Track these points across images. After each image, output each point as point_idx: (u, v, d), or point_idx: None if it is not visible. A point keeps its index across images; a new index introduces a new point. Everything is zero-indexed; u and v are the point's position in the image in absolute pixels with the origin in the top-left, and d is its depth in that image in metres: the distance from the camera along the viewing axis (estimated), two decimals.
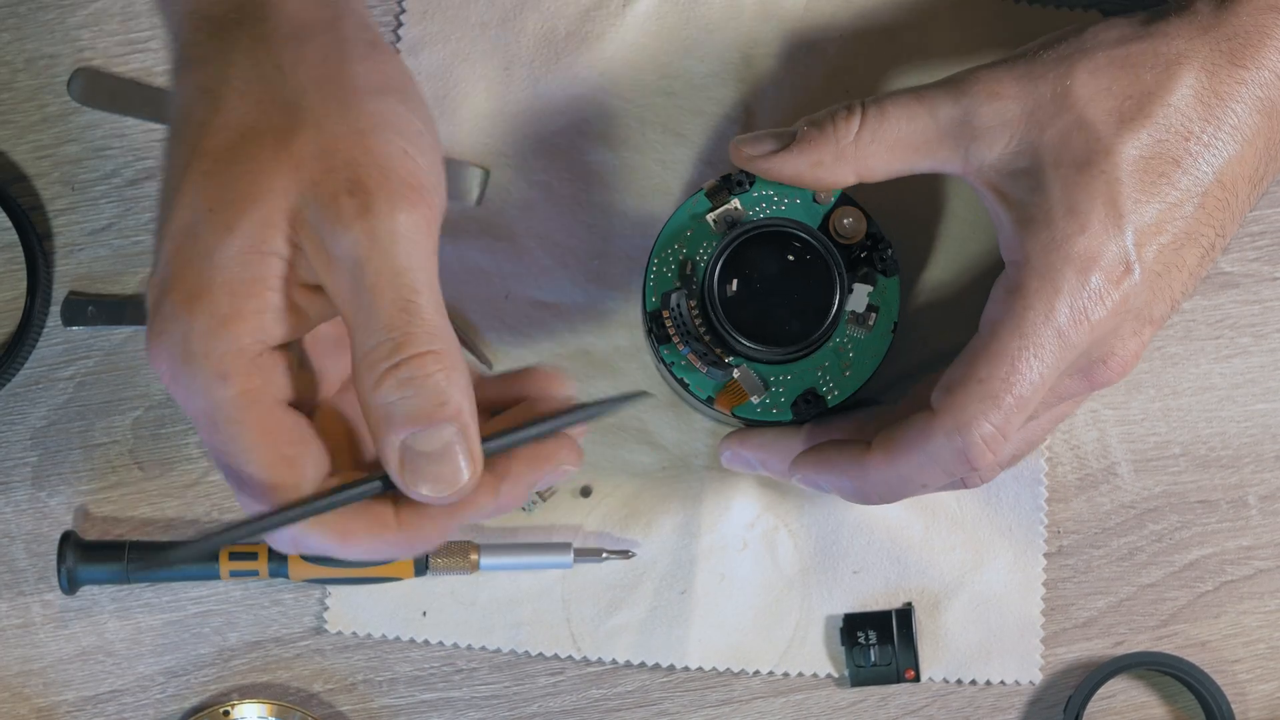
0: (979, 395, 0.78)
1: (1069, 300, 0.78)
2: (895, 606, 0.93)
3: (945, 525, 0.93)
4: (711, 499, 0.93)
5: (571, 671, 0.93)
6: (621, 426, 0.93)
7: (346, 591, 0.93)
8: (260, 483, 0.71)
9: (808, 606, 0.93)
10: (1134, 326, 0.80)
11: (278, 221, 0.71)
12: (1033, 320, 0.78)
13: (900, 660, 0.92)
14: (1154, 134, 0.79)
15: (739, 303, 0.84)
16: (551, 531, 0.93)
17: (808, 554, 0.93)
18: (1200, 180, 0.79)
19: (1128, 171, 0.78)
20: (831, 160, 0.83)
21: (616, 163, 0.94)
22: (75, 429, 0.94)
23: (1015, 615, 0.93)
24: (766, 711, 0.93)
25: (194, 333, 0.70)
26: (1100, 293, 0.78)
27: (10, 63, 0.95)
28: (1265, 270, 0.94)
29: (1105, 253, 0.78)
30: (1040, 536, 0.93)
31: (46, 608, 0.93)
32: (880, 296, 0.85)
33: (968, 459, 0.79)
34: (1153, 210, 0.78)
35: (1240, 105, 0.79)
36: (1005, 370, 0.78)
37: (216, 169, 0.71)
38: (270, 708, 0.92)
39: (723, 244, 0.84)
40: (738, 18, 0.94)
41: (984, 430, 0.78)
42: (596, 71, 0.94)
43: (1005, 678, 0.93)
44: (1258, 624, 0.93)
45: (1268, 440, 0.94)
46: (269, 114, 0.72)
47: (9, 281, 0.94)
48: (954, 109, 0.81)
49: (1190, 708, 0.93)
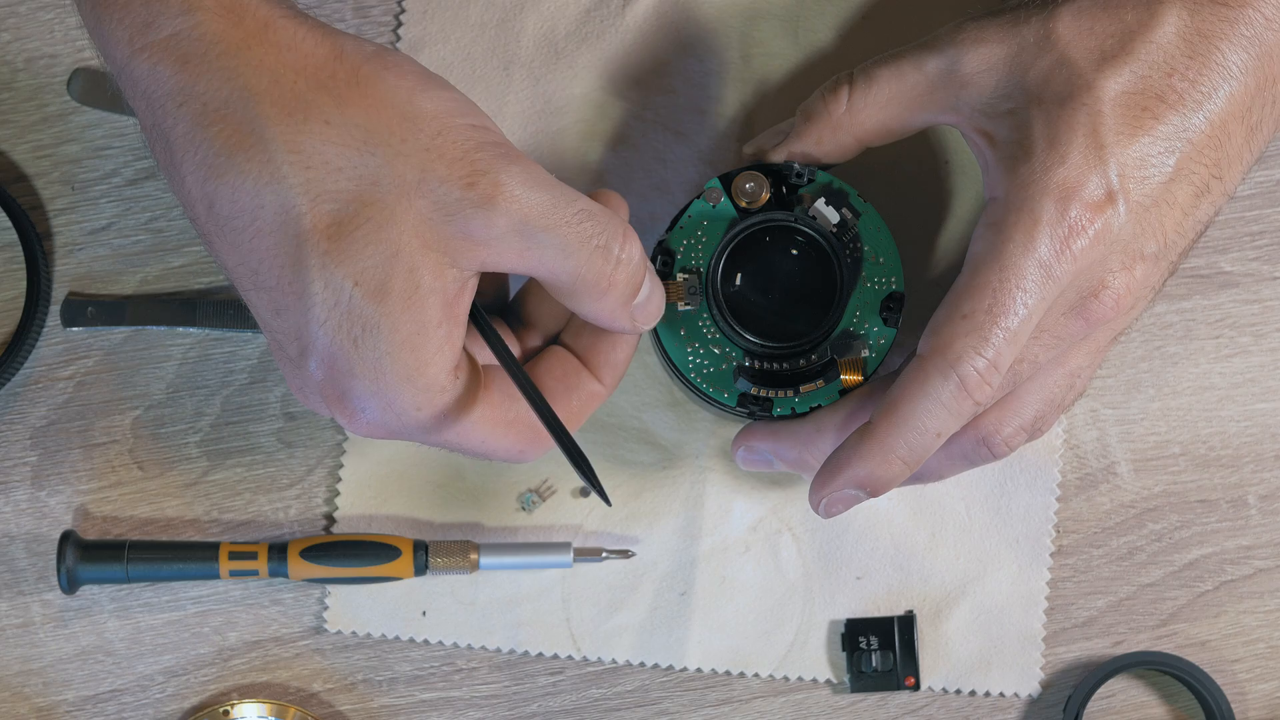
0: (964, 330, 0.78)
1: (1049, 230, 0.77)
2: (897, 613, 0.93)
3: (952, 533, 0.93)
4: (714, 500, 0.93)
5: (571, 671, 0.93)
6: (621, 426, 0.93)
7: (346, 591, 0.93)
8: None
9: (810, 611, 0.93)
10: (1122, 259, 0.79)
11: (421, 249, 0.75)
12: (1012, 252, 0.77)
13: (901, 667, 0.92)
14: (1136, 70, 0.79)
15: (742, 297, 0.85)
16: (551, 531, 0.93)
17: (811, 558, 0.93)
18: (1186, 116, 0.79)
19: (1110, 105, 0.78)
20: (830, 134, 0.84)
21: (616, 163, 0.94)
22: (75, 429, 0.94)
23: (1017, 627, 0.92)
24: (766, 711, 0.93)
25: (393, 397, 0.76)
26: (1081, 222, 0.78)
27: (10, 63, 0.95)
28: (1265, 270, 0.94)
29: (1086, 183, 0.78)
30: (1047, 550, 0.93)
31: (46, 607, 0.93)
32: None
33: (967, 392, 0.78)
34: (1137, 144, 0.78)
35: (1226, 44, 0.79)
36: (988, 303, 0.77)
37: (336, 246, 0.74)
38: (270, 707, 0.92)
39: (725, 239, 0.84)
40: (738, 17, 0.94)
41: (976, 363, 0.78)
42: (596, 71, 0.94)
43: (1005, 689, 0.92)
44: (1258, 624, 0.93)
45: (1268, 440, 0.94)
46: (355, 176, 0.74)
47: (8, 281, 0.94)
48: (940, 60, 0.82)
49: (1190, 707, 0.93)
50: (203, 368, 0.94)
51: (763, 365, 0.85)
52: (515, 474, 0.93)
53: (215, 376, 0.94)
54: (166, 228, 0.94)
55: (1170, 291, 0.94)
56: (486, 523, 0.93)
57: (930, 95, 0.82)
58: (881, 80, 0.83)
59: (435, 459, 0.93)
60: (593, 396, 0.83)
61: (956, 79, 0.81)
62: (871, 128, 0.84)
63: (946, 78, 0.82)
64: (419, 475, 0.93)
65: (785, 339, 0.84)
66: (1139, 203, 0.79)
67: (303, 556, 0.91)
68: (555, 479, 0.93)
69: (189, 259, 0.94)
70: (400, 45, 0.94)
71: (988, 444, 0.83)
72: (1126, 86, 0.79)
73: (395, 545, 0.91)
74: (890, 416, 0.79)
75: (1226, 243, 0.94)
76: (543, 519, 0.93)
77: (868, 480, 0.81)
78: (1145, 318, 0.94)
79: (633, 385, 0.93)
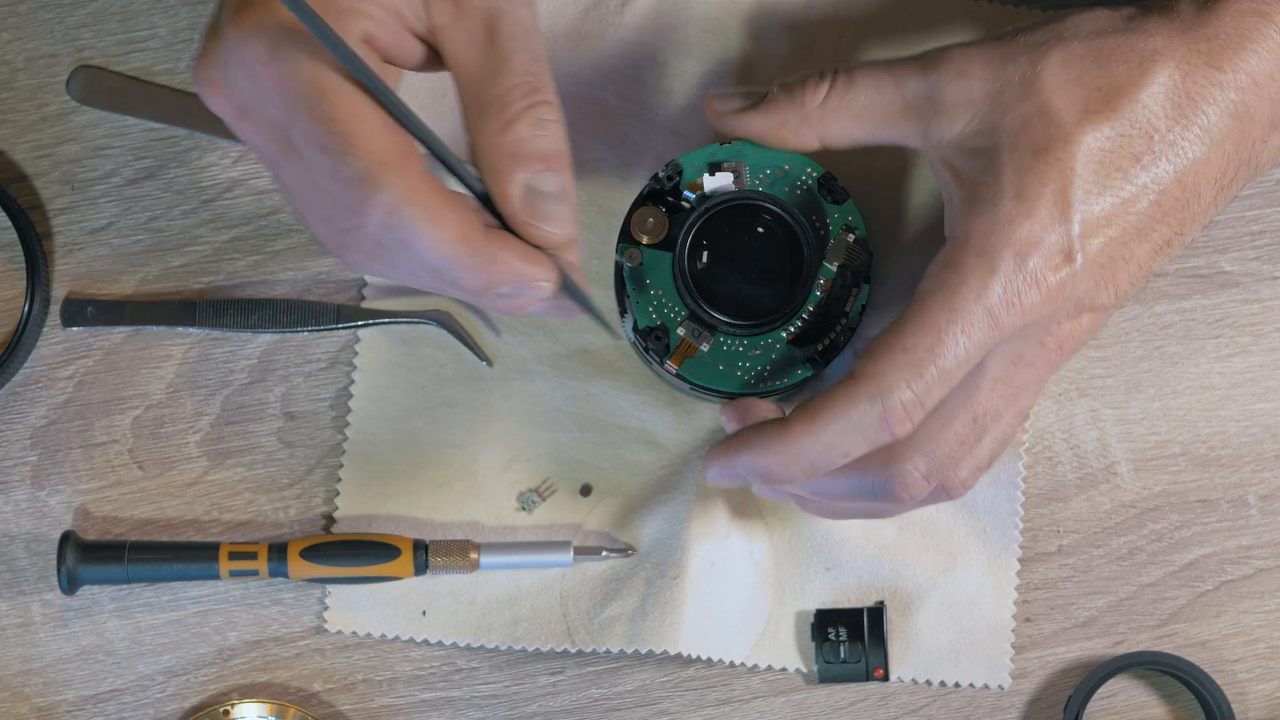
0: (902, 363, 0.78)
1: (1003, 282, 0.78)
2: (868, 604, 0.93)
3: (920, 526, 0.93)
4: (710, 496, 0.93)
5: (571, 671, 0.93)
6: (621, 426, 0.93)
7: (346, 591, 0.93)
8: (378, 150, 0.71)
9: (780, 600, 0.93)
10: (1071, 312, 0.80)
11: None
12: (964, 296, 0.78)
13: (870, 658, 0.92)
14: (1117, 128, 0.79)
15: (709, 275, 0.85)
16: (551, 530, 0.93)
17: (782, 548, 0.93)
18: (1159, 179, 0.79)
19: (1083, 163, 0.78)
20: (795, 123, 0.84)
21: (616, 162, 0.94)
22: (75, 429, 0.94)
23: (987, 619, 0.93)
24: (767, 711, 0.93)
25: None
26: (1036, 278, 0.78)
27: (10, 62, 0.95)
28: (1265, 270, 0.94)
29: (1047, 240, 0.78)
30: (1015, 541, 0.93)
31: (46, 607, 0.93)
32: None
33: (887, 424, 0.78)
34: (1104, 203, 0.78)
35: (1212, 108, 0.79)
36: (931, 341, 0.78)
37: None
38: (270, 707, 0.92)
39: (693, 217, 0.84)
40: (737, 17, 0.94)
41: (904, 396, 0.78)
42: (596, 71, 0.94)
43: (975, 680, 0.92)
44: (1258, 623, 0.93)
45: (1268, 440, 0.94)
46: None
47: (8, 281, 0.94)
48: (921, 83, 0.81)
49: (1190, 707, 0.93)
50: (202, 368, 0.94)
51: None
52: (515, 474, 0.93)
53: (215, 376, 0.94)
54: (166, 228, 0.94)
55: (1170, 291, 0.94)
56: (486, 522, 0.93)
57: (902, 115, 0.82)
58: (860, 88, 0.83)
59: (435, 459, 0.93)
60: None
61: (933, 106, 0.81)
62: (837, 132, 0.83)
63: (923, 103, 0.81)
64: (419, 475, 0.93)
65: (755, 316, 0.85)
66: (1097, 261, 0.79)
67: (303, 556, 0.91)
68: (555, 479, 0.93)
69: (189, 259, 0.94)
70: None
71: (946, 488, 0.83)
72: (1104, 144, 0.78)
73: (395, 545, 0.91)
74: (809, 423, 0.80)
75: (1226, 243, 0.94)
76: (543, 518, 0.93)
77: (764, 472, 0.81)
78: (1145, 317, 0.94)
79: (633, 386, 0.93)
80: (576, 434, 0.93)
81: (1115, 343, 0.94)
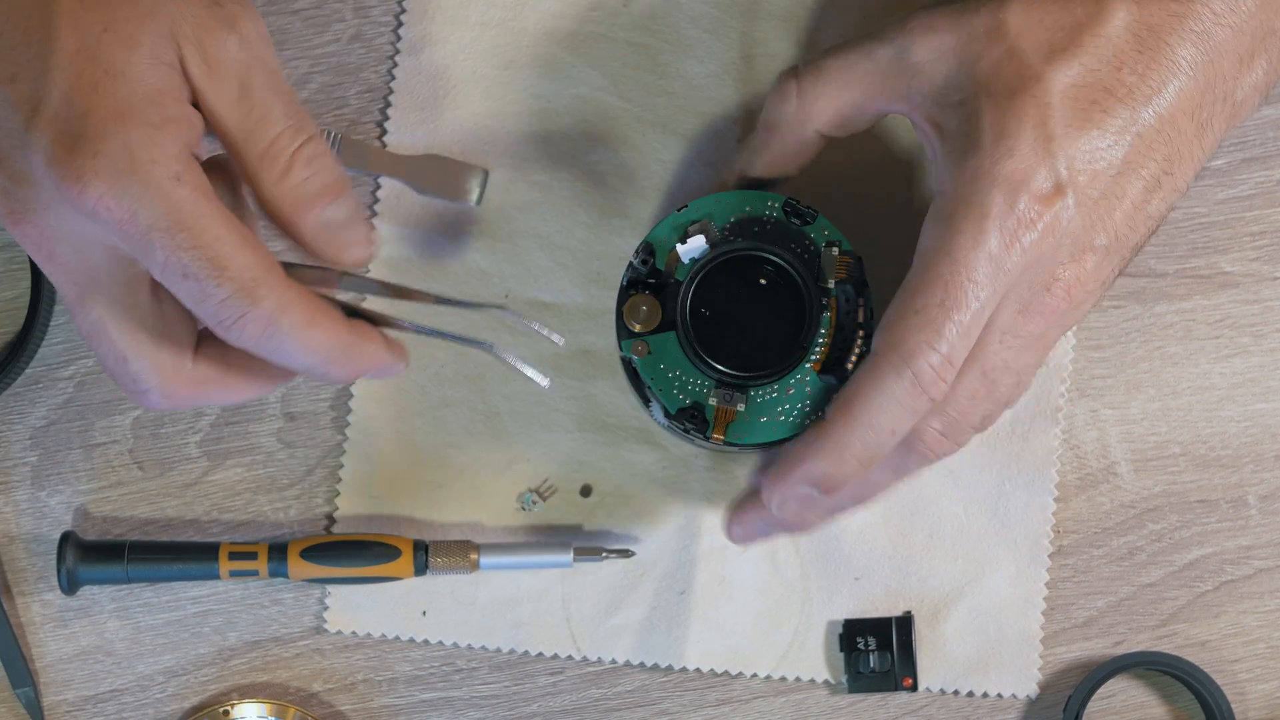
0: (917, 325, 0.77)
1: (998, 223, 0.77)
2: (895, 614, 0.93)
3: (950, 534, 0.93)
4: (714, 500, 0.93)
5: (571, 671, 0.93)
6: (621, 426, 0.93)
7: (346, 591, 0.93)
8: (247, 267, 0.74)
9: (808, 611, 0.93)
10: (1072, 252, 0.80)
11: (168, 34, 0.75)
12: (962, 245, 0.77)
13: (899, 668, 0.92)
14: (1085, 63, 0.79)
15: (719, 338, 0.84)
16: (551, 531, 0.93)
17: (809, 559, 0.93)
18: (1135, 110, 0.79)
19: (1058, 98, 0.78)
20: (789, 129, 0.84)
21: (616, 163, 0.94)
22: (75, 429, 0.94)
23: (1015, 629, 0.92)
24: (766, 711, 0.93)
25: (135, 142, 0.73)
26: (1029, 214, 0.78)
27: None
28: (1265, 270, 0.94)
29: (1034, 175, 0.78)
30: (1045, 551, 0.93)
31: (46, 608, 0.93)
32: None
33: (921, 388, 0.78)
34: (1085, 136, 0.79)
35: (1174, 39, 0.80)
36: (940, 296, 0.77)
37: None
38: (270, 707, 0.92)
39: (695, 269, 0.84)
40: (737, 17, 0.94)
41: (931, 359, 0.77)
42: (597, 71, 0.94)
43: (1002, 690, 0.92)
44: (1258, 624, 0.93)
45: (1268, 440, 0.94)
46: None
47: (9, 280, 0.94)
48: (890, 49, 0.82)
49: (1190, 708, 0.93)
50: None
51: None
52: (515, 474, 0.93)
53: None
54: None
55: (1170, 291, 0.94)
56: (486, 523, 0.93)
57: (883, 83, 0.82)
58: (831, 70, 0.83)
59: (435, 459, 0.93)
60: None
61: (907, 67, 0.81)
62: (827, 116, 0.84)
63: (897, 66, 0.82)
64: (419, 475, 0.93)
65: (777, 359, 0.84)
66: (1088, 195, 0.79)
67: (303, 556, 0.91)
68: (555, 479, 0.93)
69: None
70: (400, 45, 0.94)
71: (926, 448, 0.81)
72: (1075, 79, 0.79)
73: (395, 545, 0.91)
74: (846, 414, 0.79)
75: (1226, 243, 0.94)
76: (543, 519, 0.93)
77: (823, 478, 0.80)
78: (1145, 317, 0.94)
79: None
80: (576, 434, 0.93)
81: (1115, 343, 0.94)
